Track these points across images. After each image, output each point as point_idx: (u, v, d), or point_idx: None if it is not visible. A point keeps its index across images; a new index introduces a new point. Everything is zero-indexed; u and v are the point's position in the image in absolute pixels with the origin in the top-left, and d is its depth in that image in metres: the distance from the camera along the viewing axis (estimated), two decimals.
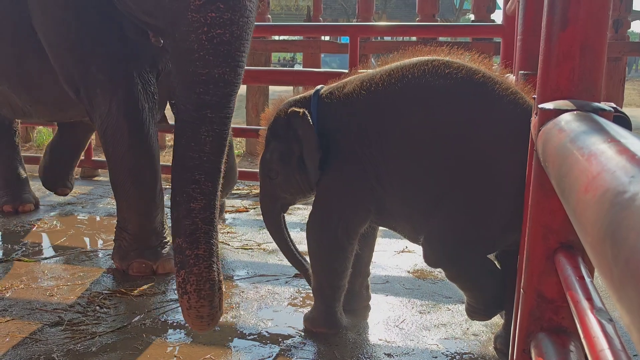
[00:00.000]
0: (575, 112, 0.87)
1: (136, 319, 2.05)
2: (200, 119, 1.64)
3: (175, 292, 1.75)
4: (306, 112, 1.84)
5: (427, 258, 1.80)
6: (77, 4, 2.29)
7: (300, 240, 2.86)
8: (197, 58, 1.63)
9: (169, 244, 2.46)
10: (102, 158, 3.35)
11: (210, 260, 1.66)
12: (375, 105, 1.79)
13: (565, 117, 0.86)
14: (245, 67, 1.77)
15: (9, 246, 2.83)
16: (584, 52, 1.00)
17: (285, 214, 2.07)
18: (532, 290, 0.98)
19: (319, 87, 1.96)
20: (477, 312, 1.85)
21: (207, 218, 1.65)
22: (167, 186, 3.97)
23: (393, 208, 1.82)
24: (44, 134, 5.74)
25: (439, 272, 2.51)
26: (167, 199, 3.73)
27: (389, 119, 1.77)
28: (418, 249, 2.71)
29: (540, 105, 0.96)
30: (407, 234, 1.90)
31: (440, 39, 4.62)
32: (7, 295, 2.24)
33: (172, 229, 1.70)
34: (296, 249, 2.10)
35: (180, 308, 1.98)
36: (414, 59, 1.80)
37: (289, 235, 2.09)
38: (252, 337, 1.94)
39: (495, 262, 1.85)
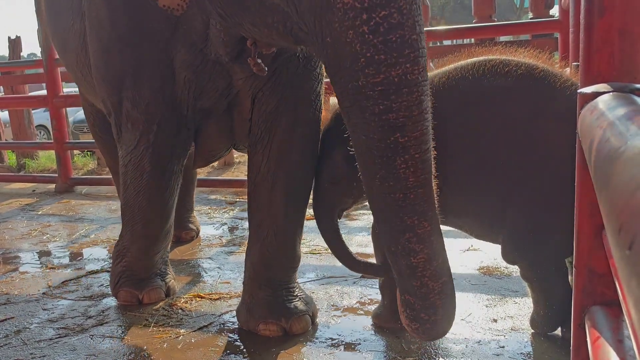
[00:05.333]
0: (611, 93, 0.92)
1: (215, 319, 2.21)
2: (390, 149, 1.28)
3: None
4: None
5: (505, 254, 1.83)
6: (129, 35, 2.03)
7: (366, 243, 2.96)
8: (364, 64, 1.23)
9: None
10: None
11: (444, 328, 1.51)
12: (435, 107, 1.82)
13: (602, 98, 0.91)
14: None
15: (98, 258, 3.08)
16: (622, 37, 1.05)
17: (350, 220, 2.13)
18: (583, 266, 1.03)
19: None
20: (540, 321, 1.88)
21: (434, 273, 1.39)
22: (238, 199, 4.21)
23: (459, 207, 1.86)
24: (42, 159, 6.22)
25: (505, 268, 2.52)
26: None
27: (451, 119, 1.77)
28: (484, 247, 2.75)
29: (579, 90, 1.01)
30: (474, 231, 1.93)
31: (500, 38, 4.61)
32: (102, 302, 2.46)
33: (399, 285, 1.47)
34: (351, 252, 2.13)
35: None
36: (471, 60, 1.82)
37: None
38: (324, 331, 2.05)
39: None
